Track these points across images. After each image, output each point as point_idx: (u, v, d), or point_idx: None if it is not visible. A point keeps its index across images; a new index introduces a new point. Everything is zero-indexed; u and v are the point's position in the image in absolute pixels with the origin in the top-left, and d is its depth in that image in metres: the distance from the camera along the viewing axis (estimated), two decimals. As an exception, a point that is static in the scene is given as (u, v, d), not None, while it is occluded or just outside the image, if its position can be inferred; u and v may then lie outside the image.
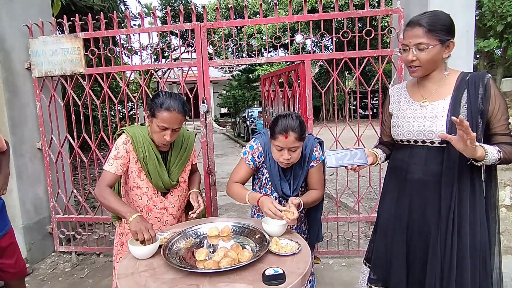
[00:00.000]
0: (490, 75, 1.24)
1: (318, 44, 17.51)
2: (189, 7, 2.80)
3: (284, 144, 1.46)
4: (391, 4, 2.84)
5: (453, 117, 1.05)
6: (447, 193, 1.25)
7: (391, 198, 1.46)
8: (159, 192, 1.66)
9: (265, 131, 1.67)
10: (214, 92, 18.75)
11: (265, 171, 1.68)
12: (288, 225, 1.47)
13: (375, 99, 22.90)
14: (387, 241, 1.45)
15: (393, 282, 1.41)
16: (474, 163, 1.18)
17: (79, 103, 2.90)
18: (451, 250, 1.24)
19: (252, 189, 1.83)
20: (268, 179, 1.67)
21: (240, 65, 12.77)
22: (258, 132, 1.72)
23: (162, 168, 1.61)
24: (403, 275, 1.38)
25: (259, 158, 1.65)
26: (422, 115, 1.30)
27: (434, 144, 1.28)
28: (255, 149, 1.65)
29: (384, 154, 1.53)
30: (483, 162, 1.15)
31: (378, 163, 1.48)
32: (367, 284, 1.55)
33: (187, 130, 1.81)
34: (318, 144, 1.66)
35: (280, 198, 1.68)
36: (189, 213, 1.63)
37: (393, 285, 1.41)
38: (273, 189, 1.68)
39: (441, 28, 1.21)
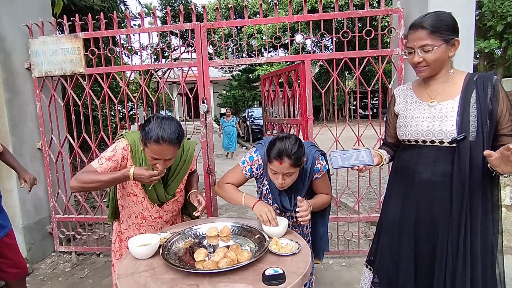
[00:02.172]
0: (497, 76, 1.25)
1: (318, 44, 17.51)
2: (189, 7, 2.80)
3: (278, 169, 1.41)
4: (391, 4, 2.84)
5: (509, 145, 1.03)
6: (458, 193, 1.23)
7: (397, 199, 1.44)
8: (155, 203, 1.62)
9: (266, 141, 1.61)
10: (214, 92, 18.75)
11: (265, 181, 1.65)
12: (288, 226, 1.47)
13: (375, 99, 22.88)
14: (393, 243, 1.42)
15: (400, 286, 1.38)
16: (500, 175, 1.17)
17: (79, 103, 2.90)
18: (464, 251, 1.22)
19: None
20: (269, 189, 1.64)
21: (240, 65, 12.76)
22: (259, 142, 1.67)
23: (158, 181, 1.54)
24: (411, 279, 1.35)
25: (257, 170, 1.63)
26: (431, 115, 1.29)
27: (444, 144, 1.27)
28: (254, 161, 1.61)
29: (389, 155, 1.52)
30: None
31: (383, 164, 1.47)
32: (370, 287, 1.53)
33: (188, 139, 1.72)
34: (320, 155, 1.61)
35: (278, 211, 1.66)
36: (193, 213, 1.61)
37: (400, 286, 1.38)
38: (274, 199, 1.65)
39: (445, 28, 1.21)
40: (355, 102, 21.78)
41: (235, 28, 2.93)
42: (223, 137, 9.72)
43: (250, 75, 15.95)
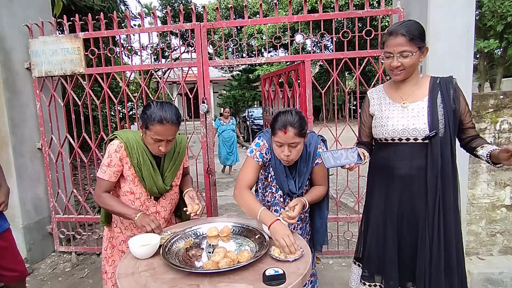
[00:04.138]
0: (455, 79, 1.43)
1: (318, 44, 17.51)
2: (189, 7, 2.80)
3: (283, 140, 1.45)
4: (391, 4, 2.84)
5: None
6: (432, 184, 1.38)
7: (379, 195, 1.55)
8: (152, 197, 1.65)
9: (268, 129, 1.66)
10: (214, 92, 18.72)
11: (270, 168, 1.67)
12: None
13: (375, 99, 22.81)
14: (379, 237, 1.53)
15: (386, 274, 1.50)
16: (494, 166, 1.35)
17: (79, 103, 2.90)
18: (439, 237, 1.38)
19: (256, 188, 1.83)
20: (273, 177, 1.66)
21: (240, 65, 12.76)
22: (261, 131, 1.72)
23: (156, 173, 1.59)
24: (395, 267, 1.48)
25: (266, 154, 1.63)
26: (405, 115, 1.43)
27: (418, 141, 1.41)
28: (261, 146, 1.62)
29: (368, 153, 1.62)
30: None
31: (366, 162, 1.57)
32: (360, 281, 1.61)
33: (178, 134, 1.76)
34: (321, 141, 1.67)
35: (285, 196, 1.68)
36: (184, 209, 1.62)
37: (386, 276, 1.49)
38: (278, 187, 1.67)
39: (419, 36, 1.36)
40: (355, 102, 21.77)
41: (235, 28, 2.93)
42: (220, 145, 6.97)
43: (250, 75, 15.95)
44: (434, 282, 1.38)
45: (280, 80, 3.50)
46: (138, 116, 1.58)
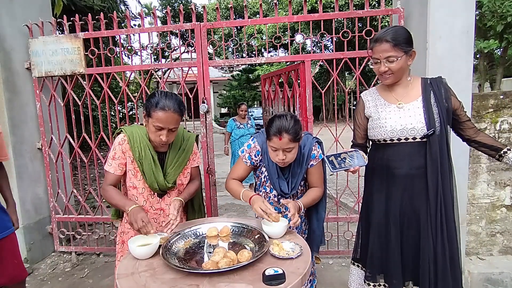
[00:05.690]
0: (445, 78, 1.49)
1: (318, 44, 17.50)
2: (189, 7, 2.80)
3: (278, 145, 1.47)
4: (391, 4, 2.83)
5: None
6: (433, 182, 1.42)
7: (379, 196, 1.56)
8: (155, 193, 1.64)
9: (263, 130, 1.68)
10: (214, 92, 18.74)
11: (263, 169, 1.69)
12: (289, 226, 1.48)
13: (375, 99, 22.81)
14: (381, 237, 1.54)
15: (389, 274, 1.52)
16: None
17: (79, 103, 2.90)
18: (442, 233, 1.42)
19: (255, 187, 1.85)
20: (267, 177, 1.67)
21: (240, 65, 12.76)
22: (257, 132, 1.73)
23: (157, 168, 1.59)
24: (398, 265, 1.50)
25: (256, 157, 1.67)
26: (402, 115, 1.47)
27: (416, 140, 1.44)
28: (252, 148, 1.67)
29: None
30: None
31: (366, 163, 1.58)
32: (364, 282, 1.61)
33: (188, 131, 1.77)
34: (316, 143, 1.67)
35: (279, 196, 1.69)
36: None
37: (390, 276, 1.51)
38: (271, 187, 1.68)
39: (404, 41, 1.40)
40: (355, 102, 21.77)
41: (235, 28, 2.93)
42: (234, 154, 5.14)
43: (250, 75, 16.00)
44: (440, 279, 1.40)
45: (280, 80, 3.50)
46: (143, 106, 1.59)
